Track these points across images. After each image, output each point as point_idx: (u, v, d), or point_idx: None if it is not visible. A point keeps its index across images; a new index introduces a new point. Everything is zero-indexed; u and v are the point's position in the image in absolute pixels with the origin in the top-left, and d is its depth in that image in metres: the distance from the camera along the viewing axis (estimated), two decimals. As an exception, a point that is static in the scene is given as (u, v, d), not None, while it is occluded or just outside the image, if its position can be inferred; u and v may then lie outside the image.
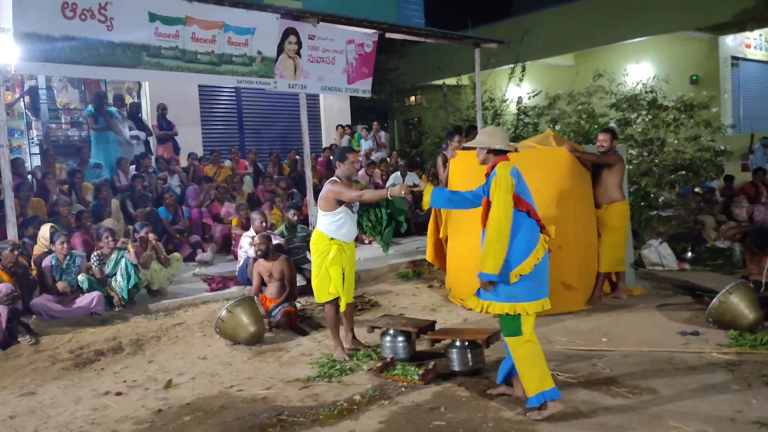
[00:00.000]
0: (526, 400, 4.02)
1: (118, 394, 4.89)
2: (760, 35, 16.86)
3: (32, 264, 6.73)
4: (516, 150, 4.27)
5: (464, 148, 5.23)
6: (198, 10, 7.47)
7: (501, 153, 4.19)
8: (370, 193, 5.74)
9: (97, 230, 7.55)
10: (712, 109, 11.46)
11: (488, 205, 4.05)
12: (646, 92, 10.78)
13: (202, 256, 8.63)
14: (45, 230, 6.92)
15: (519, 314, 3.97)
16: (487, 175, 4.17)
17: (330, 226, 5.30)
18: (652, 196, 9.79)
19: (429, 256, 7.65)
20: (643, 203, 9.20)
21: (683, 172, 10.13)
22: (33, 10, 6.25)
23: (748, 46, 16.77)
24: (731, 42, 16.03)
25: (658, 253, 8.30)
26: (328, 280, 5.33)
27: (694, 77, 15.63)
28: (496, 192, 3.98)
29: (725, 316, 5.59)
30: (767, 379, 4.42)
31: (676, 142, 10.38)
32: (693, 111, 10.34)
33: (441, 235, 7.39)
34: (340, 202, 5.26)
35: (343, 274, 5.36)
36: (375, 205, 9.43)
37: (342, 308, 5.46)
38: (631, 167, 9.05)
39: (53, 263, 6.52)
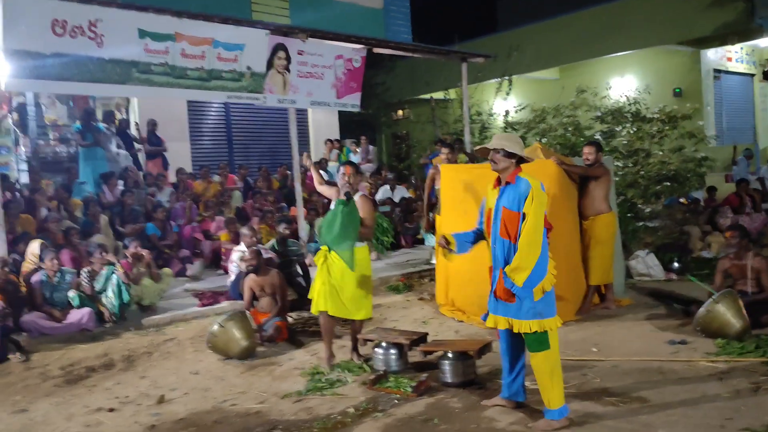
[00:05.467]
0: (545, 412, 4.03)
1: (111, 410, 4.86)
2: (741, 48, 17.11)
3: (21, 281, 6.70)
4: (531, 160, 4.19)
5: (482, 149, 4.76)
6: (187, 26, 7.53)
7: (520, 162, 4.07)
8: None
9: (86, 247, 7.54)
10: (698, 122, 11.62)
11: (521, 218, 3.93)
12: (630, 104, 10.93)
13: (191, 269, 8.63)
14: (34, 247, 6.90)
15: (546, 330, 3.98)
16: (507, 183, 4.04)
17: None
18: (638, 207, 9.89)
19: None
20: (629, 214, 9.29)
21: (668, 183, 10.24)
22: (23, 28, 6.27)
23: (730, 59, 17.01)
24: (713, 55, 16.27)
25: (645, 263, 8.39)
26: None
27: (678, 90, 15.83)
28: (533, 206, 3.91)
29: (713, 325, 5.66)
30: (755, 386, 4.48)
31: (660, 153, 10.51)
32: (677, 122, 10.50)
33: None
34: (325, 210, 5.34)
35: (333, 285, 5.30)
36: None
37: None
38: (617, 179, 9.16)
39: (43, 280, 6.49)
